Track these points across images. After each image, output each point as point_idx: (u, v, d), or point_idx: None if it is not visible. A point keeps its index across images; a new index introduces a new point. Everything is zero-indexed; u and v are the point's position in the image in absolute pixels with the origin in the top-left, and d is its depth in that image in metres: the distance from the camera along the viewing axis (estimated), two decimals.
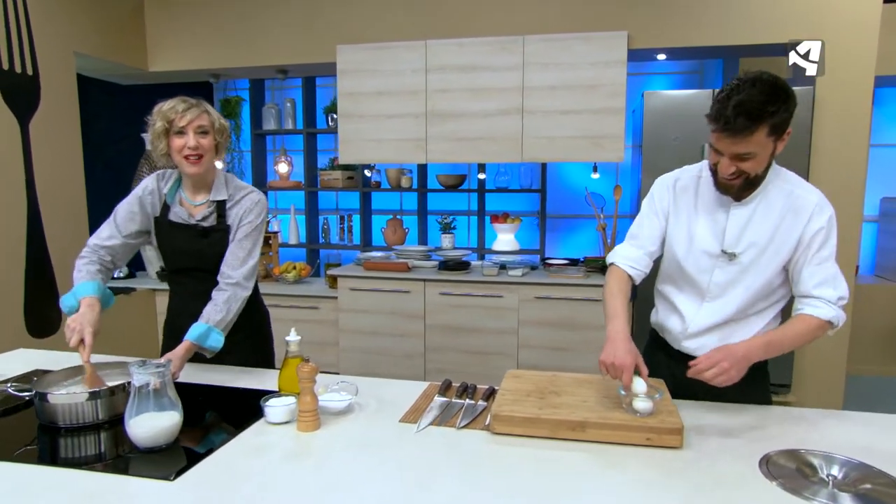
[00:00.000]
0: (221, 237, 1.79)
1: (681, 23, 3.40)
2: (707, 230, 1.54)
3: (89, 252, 1.79)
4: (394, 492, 1.12)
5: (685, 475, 1.19)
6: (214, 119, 1.75)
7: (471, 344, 3.58)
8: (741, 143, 1.35)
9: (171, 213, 1.80)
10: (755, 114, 1.31)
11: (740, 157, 1.38)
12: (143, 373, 1.25)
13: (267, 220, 1.88)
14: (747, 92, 1.32)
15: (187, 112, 1.68)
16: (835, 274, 1.47)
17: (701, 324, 1.57)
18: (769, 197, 1.48)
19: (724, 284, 1.53)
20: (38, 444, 1.34)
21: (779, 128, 1.35)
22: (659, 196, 1.63)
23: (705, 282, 1.55)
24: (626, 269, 1.63)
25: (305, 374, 1.36)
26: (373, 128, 3.78)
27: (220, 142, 1.78)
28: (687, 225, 1.57)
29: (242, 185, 1.86)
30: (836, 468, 1.20)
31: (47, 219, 3.35)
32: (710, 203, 1.54)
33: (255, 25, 3.98)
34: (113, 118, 4.25)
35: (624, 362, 1.40)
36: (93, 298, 1.67)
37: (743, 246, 1.50)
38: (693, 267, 1.56)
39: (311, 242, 4.74)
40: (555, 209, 4.36)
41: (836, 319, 1.45)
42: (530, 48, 3.48)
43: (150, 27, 4.12)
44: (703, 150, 3.27)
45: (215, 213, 1.80)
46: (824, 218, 1.46)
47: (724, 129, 1.35)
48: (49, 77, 3.38)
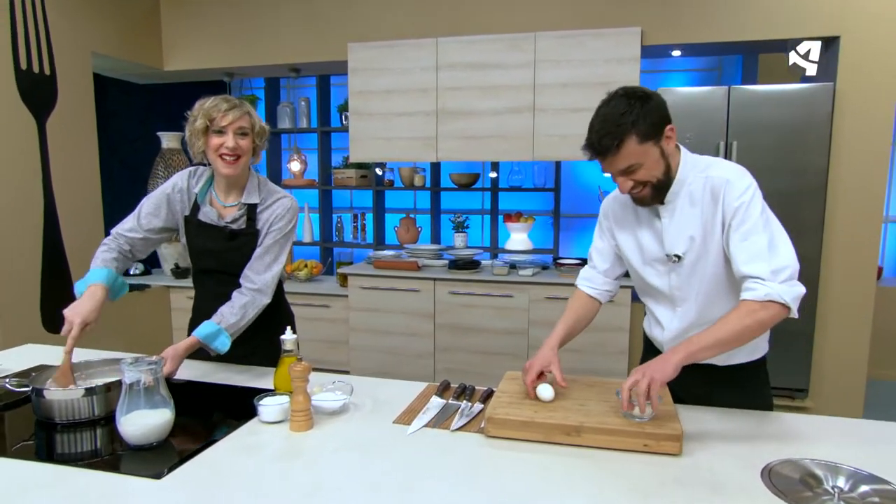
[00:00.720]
0: (249, 241, 1.76)
1: (695, 18, 3.32)
2: (650, 238, 1.54)
3: (110, 240, 1.78)
4: (379, 495, 1.10)
5: (683, 483, 1.15)
6: (255, 122, 1.71)
7: (480, 344, 3.55)
8: (617, 159, 1.36)
9: (201, 212, 1.77)
10: (614, 131, 1.33)
11: (627, 172, 1.39)
12: (134, 370, 1.24)
13: (296, 225, 1.85)
14: (602, 113, 1.36)
15: (230, 112, 1.64)
16: (766, 246, 1.35)
17: (675, 328, 1.56)
18: (691, 189, 1.45)
19: (682, 286, 1.52)
20: (35, 440, 1.35)
21: (649, 132, 1.35)
22: (603, 215, 1.67)
23: (666, 288, 1.54)
24: (584, 289, 1.71)
25: (297, 373, 1.35)
26: (383, 126, 3.78)
27: (258, 144, 1.73)
28: (634, 239, 1.58)
29: (275, 190, 1.82)
30: (842, 479, 1.15)
31: (63, 216, 3.41)
32: (647, 213, 1.54)
33: (267, 24, 4.00)
34: (129, 117, 4.31)
35: (530, 364, 1.48)
36: (98, 286, 1.65)
37: (684, 245, 1.47)
38: (651, 277, 1.57)
39: (325, 241, 4.75)
40: (569, 208, 4.31)
41: (779, 296, 1.30)
42: (542, 45, 3.44)
43: (165, 27, 4.17)
44: (717, 148, 3.20)
45: (245, 216, 1.76)
46: (739, 191, 1.38)
47: (597, 155, 1.38)
48: (66, 76, 3.43)
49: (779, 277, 1.33)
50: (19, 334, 3.04)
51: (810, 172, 3.09)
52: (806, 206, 3.13)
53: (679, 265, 1.49)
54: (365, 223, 4.69)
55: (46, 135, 3.33)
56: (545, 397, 1.41)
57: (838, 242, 3.20)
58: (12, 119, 3.14)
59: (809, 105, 3.07)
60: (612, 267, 1.67)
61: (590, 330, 3.45)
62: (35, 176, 3.27)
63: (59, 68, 3.39)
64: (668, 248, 1.50)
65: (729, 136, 3.18)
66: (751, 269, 1.35)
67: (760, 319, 1.32)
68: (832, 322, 3.23)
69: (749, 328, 1.33)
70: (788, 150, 3.09)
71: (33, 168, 3.26)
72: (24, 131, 3.21)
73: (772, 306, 1.32)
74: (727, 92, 3.16)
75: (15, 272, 3.14)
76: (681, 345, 1.34)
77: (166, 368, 1.55)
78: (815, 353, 3.25)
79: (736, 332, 1.32)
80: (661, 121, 1.37)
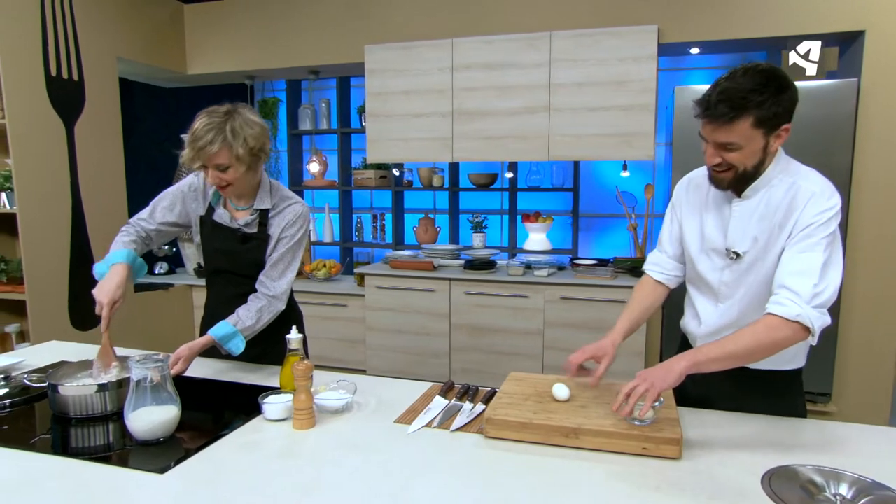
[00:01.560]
0: (260, 245, 1.80)
1: (714, 15, 3.26)
2: (715, 228, 1.49)
3: (128, 227, 1.84)
4: (374, 493, 1.11)
5: (680, 488, 1.13)
6: (236, 149, 1.61)
7: (496, 344, 3.55)
8: (722, 131, 1.30)
9: (216, 213, 1.82)
10: (738, 102, 1.26)
11: (724, 147, 1.33)
12: (141, 367, 1.29)
13: (309, 231, 1.88)
14: (736, 80, 1.29)
15: (206, 147, 1.59)
16: (819, 266, 1.29)
17: (713, 325, 1.52)
18: (773, 192, 1.40)
19: (732, 284, 1.48)
20: (51, 434, 1.40)
21: (768, 121, 1.29)
22: (675, 197, 1.62)
23: (716, 281, 1.50)
24: (653, 274, 1.66)
25: (300, 372, 1.37)
26: (400, 127, 3.80)
27: (249, 164, 1.67)
28: (699, 224, 1.54)
29: (287, 196, 1.83)
30: (844, 487, 1.13)
31: (90, 217, 3.52)
32: (719, 200, 1.49)
33: (287, 27, 4.06)
34: (155, 120, 4.42)
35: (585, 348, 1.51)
36: (120, 265, 1.70)
37: (747, 244, 1.43)
38: (704, 266, 1.52)
39: (345, 241, 4.80)
40: (589, 208, 4.27)
41: (806, 320, 1.25)
42: (557, 44, 3.42)
43: (188, 32, 4.27)
44: None
45: (257, 221, 1.80)
46: (821, 208, 1.32)
47: (706, 115, 1.31)
48: (93, 82, 3.54)
49: (815, 301, 1.27)
50: (49, 333, 3.14)
51: (834, 170, 2.99)
52: None
53: (736, 262, 1.45)
54: (384, 223, 4.73)
55: (74, 139, 3.44)
56: (560, 396, 1.41)
57: (864, 241, 3.11)
58: (43, 124, 3.25)
59: (833, 102, 2.98)
60: (680, 251, 1.62)
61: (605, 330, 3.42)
62: (63, 179, 3.38)
63: (86, 74, 3.50)
64: (729, 243, 1.45)
65: None
66: (794, 282, 1.29)
67: (777, 339, 1.27)
68: (857, 324, 3.14)
69: (763, 346, 1.28)
70: (811, 148, 3.01)
71: (62, 171, 3.37)
72: (53, 136, 3.32)
73: (794, 327, 1.26)
74: None
75: (44, 272, 3.26)
76: (689, 353, 1.32)
77: (178, 368, 1.59)
78: (839, 355, 3.17)
79: (749, 348, 1.28)
80: (785, 115, 1.31)
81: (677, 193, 1.62)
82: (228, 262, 1.84)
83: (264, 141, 1.71)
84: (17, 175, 3.09)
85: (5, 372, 1.74)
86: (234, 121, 1.63)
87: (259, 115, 1.74)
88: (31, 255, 3.17)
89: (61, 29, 3.34)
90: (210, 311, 1.94)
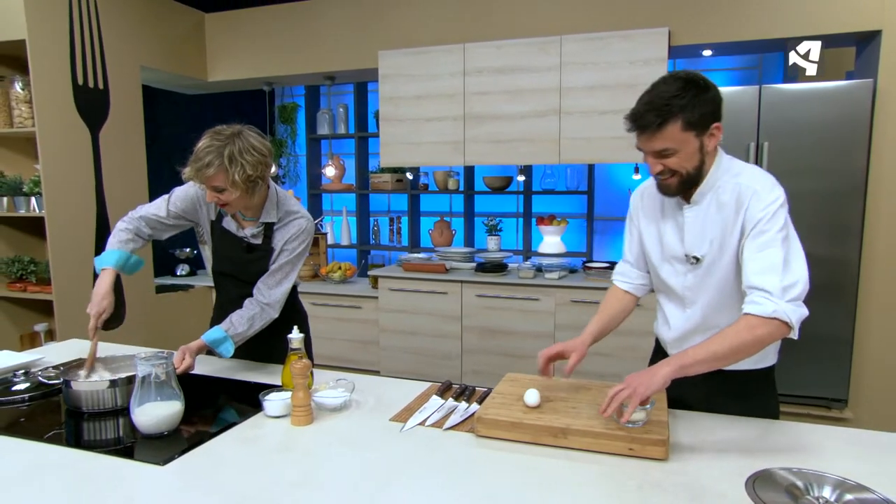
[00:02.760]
0: (263, 256, 1.86)
1: (726, 16, 3.24)
2: (672, 235, 1.52)
3: (128, 222, 1.88)
4: (363, 488, 1.15)
5: (663, 489, 1.15)
6: (232, 175, 1.63)
7: (507, 346, 3.57)
8: (656, 138, 1.34)
9: (224, 220, 1.88)
10: (663, 109, 1.31)
11: (661, 155, 1.36)
12: (146, 364, 1.35)
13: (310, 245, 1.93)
14: (658, 89, 1.34)
15: (203, 170, 1.62)
16: (781, 261, 1.31)
17: (681, 329, 1.55)
18: (719, 193, 1.42)
19: (695, 288, 1.50)
20: (65, 427, 1.48)
21: (696, 122, 1.33)
22: (632, 209, 1.65)
23: (679, 287, 1.53)
24: (620, 284, 1.72)
25: (298, 370, 1.42)
26: (412, 131, 3.85)
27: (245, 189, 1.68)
28: (657, 233, 1.57)
29: (293, 210, 1.86)
30: (827, 489, 1.13)
31: (114, 221, 3.63)
32: (673, 208, 1.52)
33: (303, 35, 4.15)
34: (178, 126, 4.55)
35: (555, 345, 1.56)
36: (107, 271, 1.80)
37: (704, 247, 1.46)
38: (667, 273, 1.55)
39: (362, 243, 4.88)
40: (604, 211, 4.27)
41: (784, 314, 1.26)
42: (568, 48, 3.43)
43: (209, 41, 4.39)
44: (748, 150, 3.11)
45: (262, 233, 1.85)
46: (765, 202, 1.35)
47: (637, 127, 1.36)
48: (118, 90, 3.67)
49: (787, 295, 1.29)
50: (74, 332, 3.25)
51: (849, 173, 2.96)
52: (845, 208, 2.99)
53: (697, 266, 1.48)
54: (401, 226, 4.79)
55: (100, 145, 3.57)
56: (530, 402, 1.42)
57: (880, 245, 3.05)
58: (70, 132, 3.39)
59: (848, 103, 2.94)
60: (642, 260, 1.66)
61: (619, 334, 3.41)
62: (89, 184, 3.51)
63: (111, 82, 3.63)
64: (687, 249, 1.49)
65: (760, 137, 3.08)
66: (761, 281, 1.31)
67: (759, 336, 1.29)
68: (874, 328, 3.07)
69: (746, 344, 1.29)
70: (825, 150, 2.97)
71: (87, 177, 3.50)
72: (79, 143, 3.45)
73: (773, 323, 1.28)
74: (758, 91, 3.07)
75: (71, 274, 3.38)
76: (674, 357, 1.33)
77: (184, 364, 1.66)
78: (856, 360, 3.11)
79: (732, 347, 1.29)
80: (711, 116, 1.35)
81: (633, 205, 1.65)
82: (234, 267, 1.90)
83: (263, 169, 1.70)
84: (45, 180, 3.22)
85: (26, 368, 1.83)
86: (234, 146, 1.63)
87: (265, 139, 1.74)
88: (58, 257, 3.30)
89: (88, 40, 3.48)
90: (219, 311, 2.02)
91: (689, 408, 1.53)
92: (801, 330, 1.31)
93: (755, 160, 3.08)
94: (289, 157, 5.15)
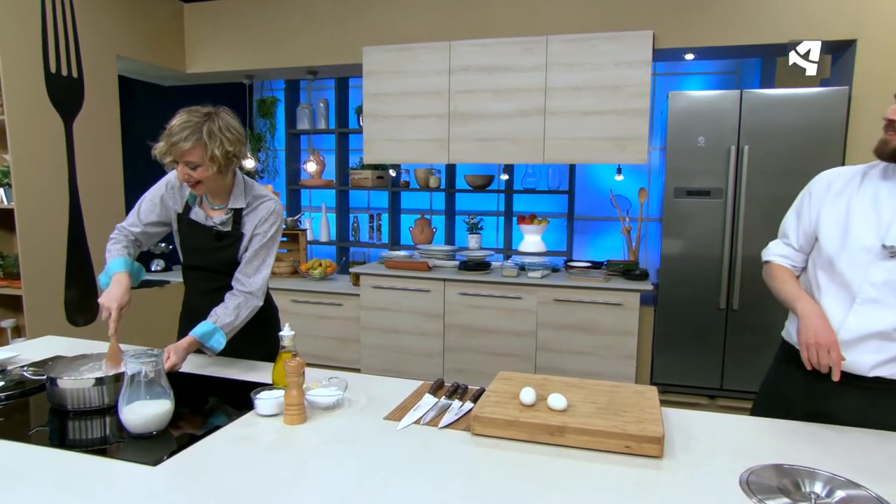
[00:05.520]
0: (234, 243, 1.84)
1: (708, 21, 3.30)
2: (868, 220, 1.41)
3: (117, 233, 1.89)
4: (359, 487, 1.14)
5: (660, 486, 1.16)
6: (211, 150, 1.64)
7: (489, 345, 3.58)
8: None
9: (192, 211, 1.86)
10: None
11: None
12: (136, 362, 1.31)
13: (283, 227, 1.91)
14: None
15: (180, 143, 1.63)
16: None
17: (853, 330, 1.41)
18: None
19: (881, 285, 1.38)
20: (49, 426, 1.42)
21: None
22: (815, 191, 1.56)
23: (859, 280, 1.41)
24: (785, 264, 1.61)
25: (292, 368, 1.40)
26: (396, 128, 3.83)
27: (221, 166, 1.69)
28: (844, 219, 1.45)
29: (261, 194, 1.86)
30: (819, 485, 1.16)
31: (87, 214, 3.54)
32: (874, 197, 1.42)
33: (286, 28, 4.09)
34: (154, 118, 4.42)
35: (829, 339, 1.36)
36: (121, 274, 1.76)
37: None
38: (846, 262, 1.43)
39: (342, 240, 4.83)
40: (584, 211, 4.31)
41: None
42: (554, 48, 3.45)
43: (188, 31, 4.30)
44: (729, 152, 3.17)
45: (231, 219, 1.83)
46: None
47: None
48: (92, 79, 3.56)
49: None
50: (44, 328, 3.16)
51: None
52: None
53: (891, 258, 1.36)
54: (381, 223, 4.76)
55: (73, 136, 3.46)
56: (526, 401, 1.42)
57: None
58: (42, 121, 3.27)
59: (824, 109, 3.02)
60: (806, 246, 1.58)
61: (597, 332, 3.46)
62: (61, 175, 3.40)
63: (85, 71, 3.52)
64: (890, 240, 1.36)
65: (741, 141, 3.15)
66: None
67: None
68: None
69: None
70: (802, 154, 3.05)
71: (60, 168, 3.39)
72: (52, 132, 3.34)
73: None
74: (739, 96, 3.14)
75: (41, 268, 3.28)
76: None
77: (171, 361, 1.62)
78: None
79: None
80: None
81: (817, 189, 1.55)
82: (203, 259, 1.88)
83: (240, 147, 1.73)
84: (15, 171, 3.11)
85: (2, 366, 1.77)
86: (212, 123, 1.66)
87: (239, 121, 1.77)
88: (28, 251, 3.19)
89: (61, 26, 3.37)
90: (187, 306, 1.99)
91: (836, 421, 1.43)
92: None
93: (736, 163, 3.15)
94: (267, 152, 5.07)
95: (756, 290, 3.25)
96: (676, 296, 3.40)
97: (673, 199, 3.32)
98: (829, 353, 1.35)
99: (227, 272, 1.84)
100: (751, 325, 3.28)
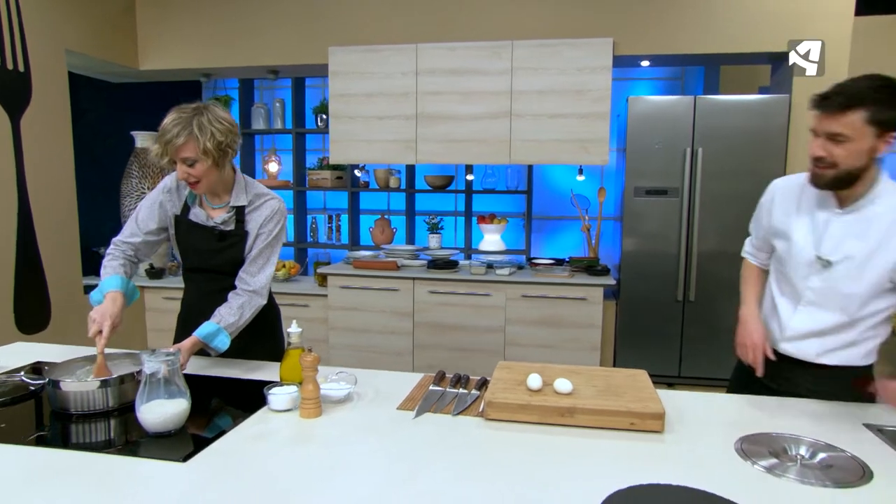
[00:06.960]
0: (238, 242, 1.81)
1: (663, 31, 3.52)
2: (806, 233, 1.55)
3: (113, 249, 1.84)
4: (392, 473, 1.19)
5: (666, 456, 1.27)
6: (203, 143, 1.64)
7: (459, 341, 3.66)
8: (834, 120, 1.37)
9: (191, 213, 1.82)
10: (855, 96, 1.35)
11: (832, 138, 1.38)
12: (154, 361, 1.30)
13: (285, 226, 1.90)
14: (856, 81, 1.38)
15: (173, 140, 1.63)
16: None
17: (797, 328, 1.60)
18: (876, 208, 1.46)
19: (819, 290, 1.54)
20: (50, 430, 1.39)
21: (881, 122, 1.35)
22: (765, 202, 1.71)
23: (801, 286, 1.57)
24: (751, 259, 1.82)
25: (308, 363, 1.42)
26: (363, 129, 3.85)
27: (216, 159, 1.69)
28: (788, 226, 1.60)
29: (262, 192, 1.85)
30: (804, 448, 1.30)
31: (38, 215, 3.36)
32: (813, 206, 1.55)
33: (247, 26, 4.02)
34: (103, 115, 4.26)
35: (756, 342, 1.60)
36: (116, 292, 1.71)
37: (839, 255, 1.49)
38: (792, 269, 1.59)
39: (300, 241, 4.78)
40: (540, 210, 4.46)
41: None
42: (519, 53, 3.57)
43: (141, 26, 4.15)
44: (685, 154, 3.39)
45: (234, 218, 1.81)
46: None
47: (820, 105, 1.39)
48: (40, 74, 3.39)
49: None
50: None
51: (769, 177, 3.27)
52: None
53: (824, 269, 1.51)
54: (339, 224, 4.74)
55: (21, 133, 3.28)
56: (533, 386, 1.50)
57: None
58: None
59: (768, 115, 3.29)
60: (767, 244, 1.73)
61: (563, 326, 3.59)
62: (9, 176, 3.22)
63: (33, 66, 3.35)
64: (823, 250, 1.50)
65: (695, 143, 3.38)
66: None
67: None
68: None
69: None
70: (751, 156, 3.31)
71: (7, 168, 3.21)
72: None
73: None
74: (693, 101, 3.36)
75: None
76: None
77: None
78: None
79: None
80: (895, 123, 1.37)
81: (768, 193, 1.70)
82: (206, 260, 1.85)
83: (232, 137, 1.72)
84: None
85: None
86: (202, 116, 1.66)
87: (228, 112, 1.76)
88: None
89: (5, 17, 3.19)
90: (187, 308, 1.95)
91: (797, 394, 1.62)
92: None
93: (690, 164, 3.37)
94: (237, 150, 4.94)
95: (711, 282, 3.48)
96: (637, 289, 3.59)
97: (633, 197, 3.51)
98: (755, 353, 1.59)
99: (231, 272, 1.82)
100: (706, 315, 3.51)
